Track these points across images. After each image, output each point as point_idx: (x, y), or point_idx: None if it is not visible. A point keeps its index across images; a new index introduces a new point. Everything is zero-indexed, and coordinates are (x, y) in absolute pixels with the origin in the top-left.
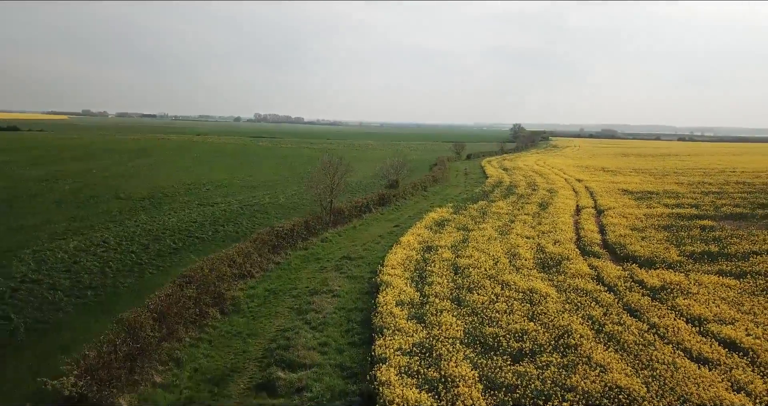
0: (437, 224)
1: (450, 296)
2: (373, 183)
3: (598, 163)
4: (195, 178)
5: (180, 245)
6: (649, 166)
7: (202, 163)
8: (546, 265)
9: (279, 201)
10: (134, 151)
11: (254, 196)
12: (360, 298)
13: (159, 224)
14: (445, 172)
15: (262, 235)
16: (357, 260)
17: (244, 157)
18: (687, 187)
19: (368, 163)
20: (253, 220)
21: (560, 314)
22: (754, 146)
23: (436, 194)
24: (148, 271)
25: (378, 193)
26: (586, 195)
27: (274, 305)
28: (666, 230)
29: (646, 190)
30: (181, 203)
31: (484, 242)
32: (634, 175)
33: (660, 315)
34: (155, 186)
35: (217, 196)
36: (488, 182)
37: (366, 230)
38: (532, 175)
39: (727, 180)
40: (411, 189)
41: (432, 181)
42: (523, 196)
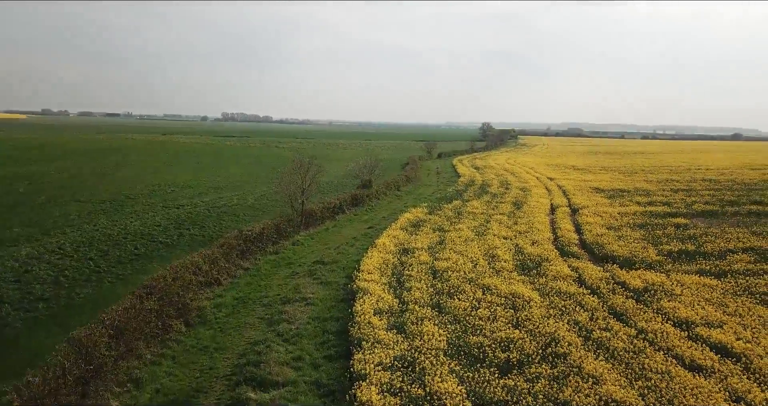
0: (412, 225)
1: (430, 302)
2: (344, 183)
3: (568, 162)
4: (160, 179)
5: (142, 251)
6: (618, 165)
7: (167, 163)
8: (526, 267)
9: (248, 202)
10: (96, 151)
11: (221, 197)
12: (335, 306)
13: (120, 228)
14: (417, 171)
15: (230, 239)
16: (331, 265)
17: (211, 157)
18: (656, 185)
19: (339, 163)
20: (221, 222)
21: (545, 319)
22: (714, 144)
23: (409, 194)
24: (107, 280)
25: (351, 193)
26: (559, 194)
27: (244, 315)
28: (641, 229)
29: (617, 188)
30: (144, 206)
31: (462, 243)
32: (604, 173)
33: (647, 319)
34: (117, 188)
35: (183, 198)
36: (461, 181)
37: (339, 232)
38: (504, 174)
39: (693, 177)
40: (384, 189)
41: (405, 180)
42: (497, 196)
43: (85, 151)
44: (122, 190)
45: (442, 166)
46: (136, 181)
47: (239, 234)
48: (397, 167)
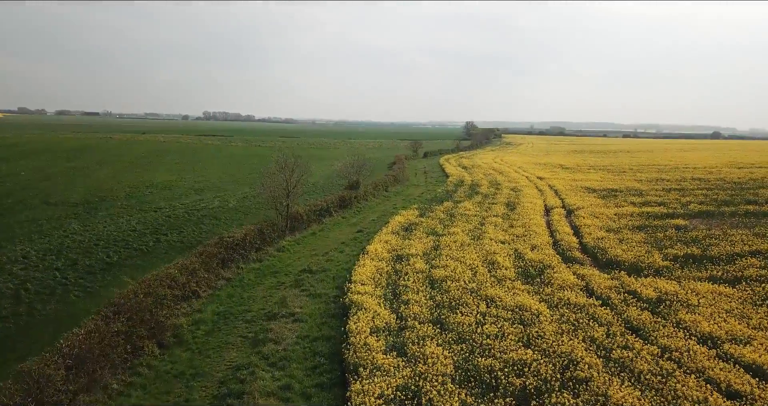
0: (404, 228)
1: (431, 317)
2: (331, 183)
3: (555, 161)
4: (137, 179)
5: (115, 259)
6: (606, 163)
7: (145, 163)
8: (529, 274)
9: (229, 205)
10: (71, 150)
11: (202, 199)
12: (326, 322)
13: (92, 234)
14: (405, 171)
15: (210, 247)
16: (319, 274)
17: (192, 157)
18: (647, 185)
19: (325, 163)
20: (201, 227)
21: (558, 336)
22: (696, 143)
23: (398, 195)
24: (73, 293)
25: (338, 195)
26: (551, 194)
27: (225, 333)
28: (641, 231)
29: (608, 187)
30: (119, 209)
31: (458, 248)
32: (593, 172)
33: (668, 335)
34: (92, 190)
35: (161, 201)
36: (450, 181)
37: (327, 237)
38: (493, 173)
39: (683, 176)
40: (372, 190)
41: (393, 181)
42: (488, 196)
43: (59, 151)
44: (97, 192)
45: (429, 166)
46: (112, 182)
47: (220, 241)
48: (383, 167)
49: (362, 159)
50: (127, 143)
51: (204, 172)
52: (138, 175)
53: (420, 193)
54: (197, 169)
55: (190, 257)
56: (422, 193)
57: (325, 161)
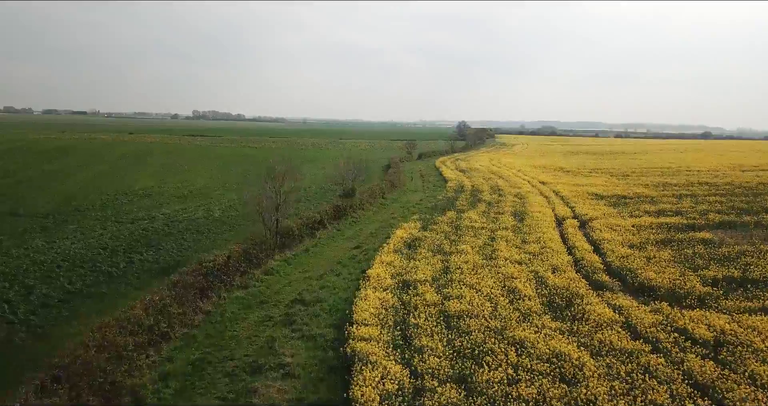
0: (407, 244)
1: (452, 372)
2: (324, 189)
3: (554, 163)
4: (117, 185)
5: (78, 287)
6: (607, 166)
7: (127, 166)
8: (556, 306)
9: (214, 215)
10: (50, 152)
11: (185, 208)
12: (323, 379)
13: (58, 253)
14: (401, 175)
15: (186, 275)
16: (314, 306)
17: (177, 159)
18: (656, 190)
19: (317, 165)
20: (181, 243)
21: (613, 401)
22: (690, 143)
23: (395, 202)
24: (18, 337)
25: (332, 204)
26: (558, 201)
27: (199, 394)
28: (667, 247)
29: (617, 194)
30: (93, 220)
31: (470, 271)
32: (596, 176)
33: (749, 398)
34: (66, 197)
35: (140, 210)
36: (449, 187)
37: (322, 254)
38: (492, 177)
39: (689, 180)
40: (368, 197)
41: (389, 186)
42: (492, 204)
43: (36, 152)
44: (70, 200)
45: (426, 169)
46: (88, 188)
47: (199, 267)
48: (378, 169)
49: (357, 164)
50: (112, 144)
51: (189, 175)
52: (118, 180)
53: (419, 200)
54: (182, 173)
55: (162, 289)
56: (421, 199)
57: (316, 163)
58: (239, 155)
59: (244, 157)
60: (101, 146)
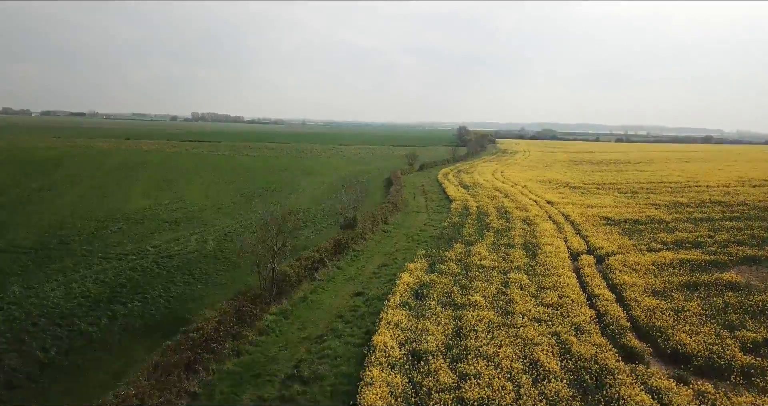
0: (414, 292)
1: None
2: (323, 211)
3: (559, 176)
4: (107, 207)
5: (52, 355)
6: (613, 181)
7: (121, 179)
8: (586, 387)
9: (207, 247)
10: (41, 163)
11: (177, 238)
12: None
13: (35, 304)
14: (403, 193)
15: (169, 353)
16: (313, 385)
17: (173, 171)
18: (668, 212)
19: (316, 179)
20: (170, 288)
21: None
22: (693, 149)
23: (398, 228)
24: None
25: (333, 239)
26: (569, 229)
27: None
28: (694, 294)
29: (628, 217)
30: (77, 258)
31: (485, 335)
32: (604, 193)
33: None
34: (51, 224)
35: (129, 242)
36: (454, 208)
37: (321, 304)
38: (497, 195)
39: (701, 199)
40: (370, 224)
41: (391, 209)
42: (500, 233)
43: (26, 164)
44: (57, 229)
45: (428, 183)
46: (76, 211)
47: (184, 341)
48: (378, 183)
49: (357, 189)
50: (108, 153)
51: (184, 192)
52: (109, 200)
53: (423, 225)
54: (176, 189)
55: (139, 374)
56: (425, 224)
57: (315, 177)
58: (236, 166)
59: (241, 169)
60: (95, 156)
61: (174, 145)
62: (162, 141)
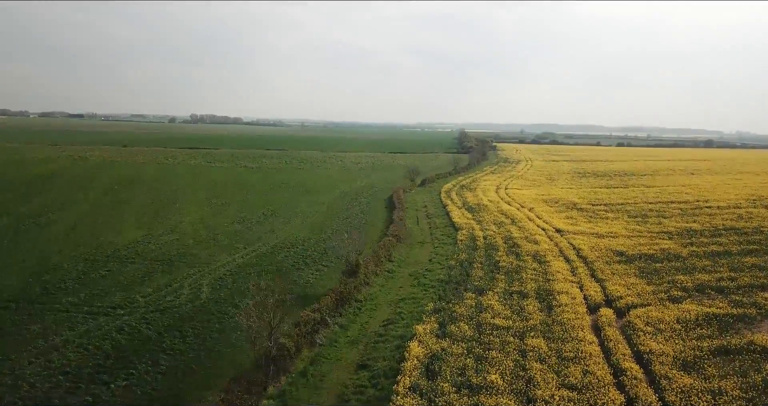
0: (425, 369)
1: None
2: (323, 250)
3: (564, 194)
4: (99, 239)
5: None
6: (620, 199)
7: (114, 205)
8: None
9: (201, 297)
10: (35, 182)
11: (170, 283)
12: None
13: (6, 387)
14: (405, 219)
15: None
16: None
17: (168, 191)
18: (682, 244)
19: (315, 198)
20: (158, 359)
21: None
22: (697, 156)
23: (403, 265)
24: None
25: (335, 290)
26: (583, 270)
27: None
28: (728, 365)
29: (642, 252)
30: (60, 314)
31: None
32: (613, 217)
33: None
34: (38, 265)
35: (118, 289)
36: (460, 239)
37: (322, 382)
38: (504, 221)
39: (713, 224)
40: (374, 264)
41: (395, 242)
42: (511, 275)
43: (20, 182)
44: (42, 273)
45: (431, 203)
46: (65, 247)
47: None
48: (380, 202)
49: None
50: (102, 166)
51: (179, 219)
52: (99, 230)
53: (429, 260)
54: (171, 215)
55: None
56: (431, 259)
57: (314, 196)
58: (233, 182)
59: (238, 186)
60: (89, 171)
61: (171, 153)
62: (159, 149)
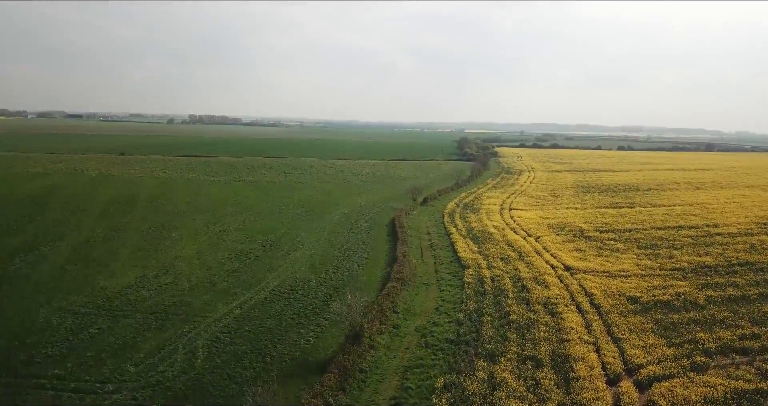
0: None
1: None
2: (323, 282)
3: (570, 215)
4: (91, 285)
5: None
6: (627, 223)
7: (108, 236)
8: None
9: (195, 366)
10: (27, 203)
11: (163, 345)
12: None
13: None
14: (408, 251)
15: None
16: None
17: (164, 214)
18: (697, 285)
19: (316, 224)
20: None
21: None
22: (699, 164)
23: (408, 317)
24: None
25: (339, 363)
26: (597, 323)
27: None
28: None
29: (658, 298)
30: (43, 391)
31: None
32: (623, 249)
33: None
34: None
35: (108, 355)
36: (467, 282)
37: None
38: (511, 255)
39: (726, 257)
40: (378, 324)
41: (399, 286)
42: (522, 331)
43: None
44: (26, 334)
45: (433, 227)
46: (54, 297)
47: None
48: (382, 225)
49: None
50: (98, 182)
51: (175, 252)
52: (93, 270)
53: (435, 309)
54: (167, 248)
55: None
56: (437, 308)
57: (315, 220)
58: (233, 203)
59: (236, 209)
60: (85, 188)
61: (169, 164)
62: (157, 157)
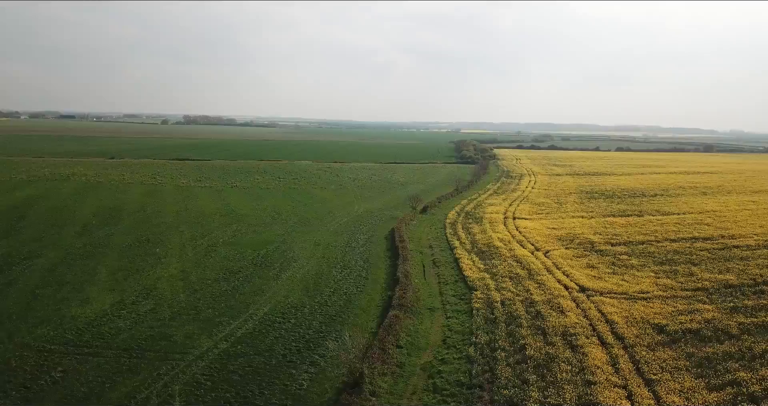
0: None
1: None
2: (318, 307)
3: (579, 229)
4: (59, 314)
5: None
6: (638, 234)
7: (87, 252)
8: None
9: None
10: (5, 215)
11: (133, 393)
12: None
13: None
14: (410, 270)
15: None
16: None
17: (149, 227)
18: (725, 310)
19: (311, 237)
20: None
21: None
22: (696, 166)
23: (413, 354)
24: None
25: None
26: (624, 360)
27: None
28: None
29: (686, 326)
30: None
31: None
32: (638, 266)
33: None
34: None
35: None
36: (476, 308)
37: None
38: (521, 275)
39: (750, 275)
40: (380, 364)
41: (401, 314)
42: (542, 372)
43: None
44: None
45: (435, 240)
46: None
47: None
48: (381, 237)
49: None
50: (83, 191)
51: (158, 272)
52: (65, 295)
53: (443, 342)
54: (150, 267)
55: None
56: (445, 340)
57: (310, 233)
58: (223, 213)
59: (229, 217)
60: (68, 199)
61: (159, 168)
62: (148, 161)
